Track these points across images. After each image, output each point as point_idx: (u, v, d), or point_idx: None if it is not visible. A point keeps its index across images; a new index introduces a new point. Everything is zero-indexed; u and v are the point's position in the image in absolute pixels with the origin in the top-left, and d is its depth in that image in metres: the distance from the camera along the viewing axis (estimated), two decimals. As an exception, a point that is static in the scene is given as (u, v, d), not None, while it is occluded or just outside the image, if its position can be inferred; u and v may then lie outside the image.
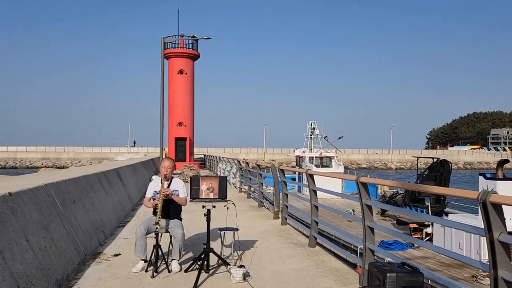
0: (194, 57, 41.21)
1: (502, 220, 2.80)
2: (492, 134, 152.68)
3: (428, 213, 14.78)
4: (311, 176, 7.08)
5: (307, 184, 7.17)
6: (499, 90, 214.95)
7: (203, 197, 5.45)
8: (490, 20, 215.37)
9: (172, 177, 5.95)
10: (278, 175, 9.94)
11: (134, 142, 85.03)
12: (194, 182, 5.43)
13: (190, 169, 23.63)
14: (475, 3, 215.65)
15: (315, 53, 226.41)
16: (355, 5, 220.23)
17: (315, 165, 27.19)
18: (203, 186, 5.43)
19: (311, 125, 29.66)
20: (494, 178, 11.07)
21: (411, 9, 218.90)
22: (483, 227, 2.91)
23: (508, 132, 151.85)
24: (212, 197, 5.45)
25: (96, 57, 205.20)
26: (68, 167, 53.70)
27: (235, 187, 18.29)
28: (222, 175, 22.92)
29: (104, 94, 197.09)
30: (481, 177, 11.27)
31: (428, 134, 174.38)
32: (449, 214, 13.59)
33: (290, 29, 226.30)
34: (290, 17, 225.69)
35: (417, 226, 13.20)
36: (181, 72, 39.98)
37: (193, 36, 25.65)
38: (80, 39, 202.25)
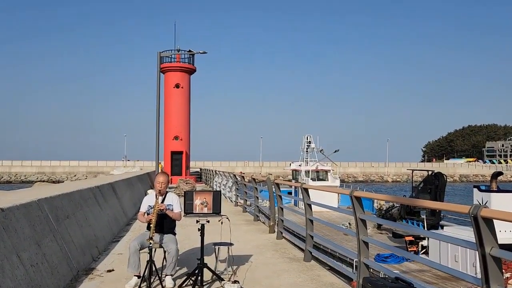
0: (191, 71, 41.41)
1: (494, 234, 2.80)
2: (487, 147, 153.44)
3: (423, 226, 14.78)
4: (306, 190, 7.08)
5: (302, 198, 7.16)
6: (494, 103, 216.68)
7: (197, 212, 5.43)
8: (485, 34, 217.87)
9: (167, 192, 5.94)
10: (274, 189, 9.93)
11: (126, 156, 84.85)
12: (188, 197, 5.42)
13: (186, 183, 23.55)
14: (470, 17, 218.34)
15: (311, 66, 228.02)
16: (350, 16, 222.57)
17: (311, 179, 27.17)
18: (197, 201, 5.42)
19: (307, 139, 29.74)
20: (488, 190, 11.12)
21: (405, 23, 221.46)
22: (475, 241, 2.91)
23: (503, 145, 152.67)
24: (206, 212, 5.43)
25: (92, 71, 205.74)
26: (63, 181, 53.45)
27: (231, 201, 18.23)
28: (216, 189, 22.87)
29: (100, 108, 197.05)
30: (475, 190, 11.32)
31: (424, 147, 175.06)
32: (444, 227, 13.59)
33: (287, 43, 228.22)
34: (287, 30, 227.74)
35: (413, 239, 13.19)
36: (177, 86, 40.12)
37: (189, 51, 25.75)
38: (75, 53, 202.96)
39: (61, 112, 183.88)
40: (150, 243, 5.37)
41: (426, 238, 12.62)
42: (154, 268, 5.43)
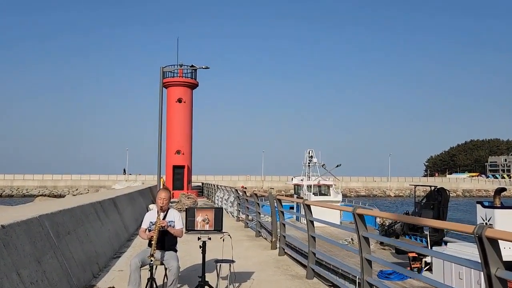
0: (193, 86, 41.62)
1: (499, 254, 2.77)
2: (490, 162, 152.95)
3: (427, 242, 14.65)
4: (308, 207, 7.04)
5: (305, 214, 7.12)
6: (496, 118, 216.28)
7: (198, 229, 5.40)
8: (488, 49, 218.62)
9: (169, 208, 5.91)
10: (275, 205, 9.88)
11: (124, 170, 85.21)
12: (189, 214, 5.40)
13: (188, 198, 23.48)
14: (472, 33, 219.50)
15: (313, 81, 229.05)
16: (351, 30, 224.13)
17: (313, 193, 27.09)
18: (199, 218, 5.39)
19: (309, 153, 29.74)
20: (492, 206, 11.03)
21: (408, 39, 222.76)
22: (480, 261, 2.87)
23: (506, 160, 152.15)
24: (207, 229, 5.39)
25: (95, 85, 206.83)
26: (65, 195, 53.38)
27: (233, 216, 18.14)
28: (218, 205, 22.79)
29: (103, 122, 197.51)
30: (478, 206, 11.22)
31: (426, 162, 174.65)
32: (448, 243, 13.46)
33: (289, 57, 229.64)
34: (289, 45, 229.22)
35: (416, 255, 13.07)
36: (179, 100, 40.29)
37: (192, 66, 25.91)
38: (79, 67, 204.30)
39: (64, 125, 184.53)
40: (151, 260, 5.33)
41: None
42: (155, 286, 5.38)
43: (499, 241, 2.78)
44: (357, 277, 8.47)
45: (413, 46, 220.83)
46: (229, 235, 5.57)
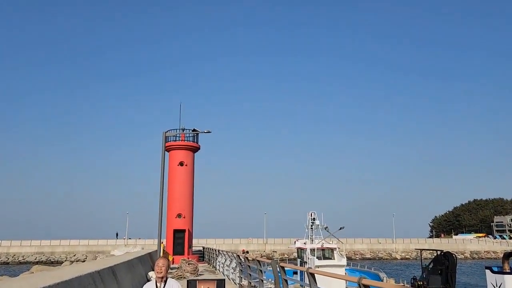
0: (195, 149, 42.02)
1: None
2: (496, 222, 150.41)
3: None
4: (312, 275, 6.86)
5: (309, 283, 6.92)
6: (498, 177, 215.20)
7: (199, 302, 5.23)
8: (491, 107, 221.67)
9: (167, 278, 5.76)
10: (279, 271, 9.62)
11: (117, 234, 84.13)
12: (191, 286, 5.26)
13: (189, 264, 22.88)
14: (475, 91, 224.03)
15: (314, 141, 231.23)
16: (352, 89, 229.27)
17: (317, 257, 26.48)
18: (200, 290, 5.24)
19: (311, 216, 29.43)
20: (501, 272, 10.73)
21: (410, 98, 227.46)
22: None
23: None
24: (209, 302, 5.23)
25: (95, 149, 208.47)
26: (62, 262, 52.08)
27: (235, 283, 17.59)
28: (219, 271, 22.20)
29: (103, 185, 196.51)
30: (488, 271, 10.92)
31: (431, 222, 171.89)
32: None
33: (290, 118, 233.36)
34: (289, 105, 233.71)
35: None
36: (181, 164, 40.50)
37: (194, 130, 26.35)
38: (78, 129, 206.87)
39: (63, 189, 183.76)
40: (150, 337, 5.12)
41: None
42: None
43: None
44: None
45: (416, 105, 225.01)
46: (231, 308, 5.38)
